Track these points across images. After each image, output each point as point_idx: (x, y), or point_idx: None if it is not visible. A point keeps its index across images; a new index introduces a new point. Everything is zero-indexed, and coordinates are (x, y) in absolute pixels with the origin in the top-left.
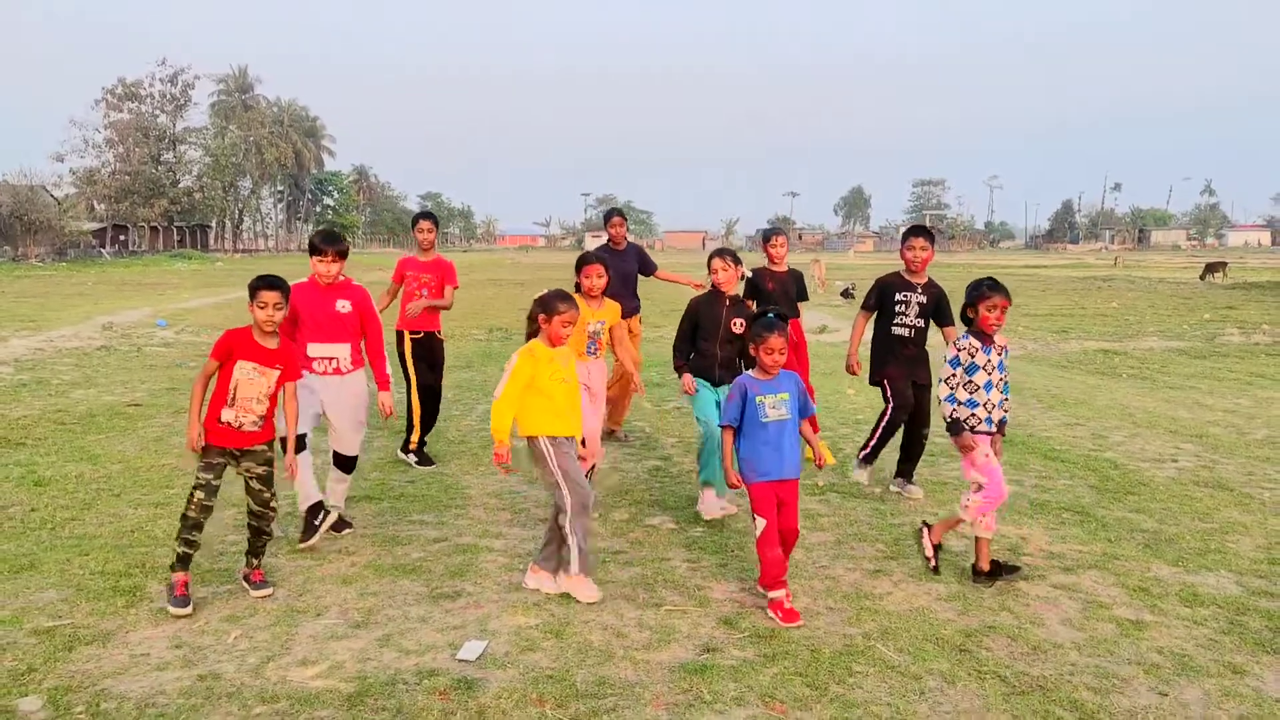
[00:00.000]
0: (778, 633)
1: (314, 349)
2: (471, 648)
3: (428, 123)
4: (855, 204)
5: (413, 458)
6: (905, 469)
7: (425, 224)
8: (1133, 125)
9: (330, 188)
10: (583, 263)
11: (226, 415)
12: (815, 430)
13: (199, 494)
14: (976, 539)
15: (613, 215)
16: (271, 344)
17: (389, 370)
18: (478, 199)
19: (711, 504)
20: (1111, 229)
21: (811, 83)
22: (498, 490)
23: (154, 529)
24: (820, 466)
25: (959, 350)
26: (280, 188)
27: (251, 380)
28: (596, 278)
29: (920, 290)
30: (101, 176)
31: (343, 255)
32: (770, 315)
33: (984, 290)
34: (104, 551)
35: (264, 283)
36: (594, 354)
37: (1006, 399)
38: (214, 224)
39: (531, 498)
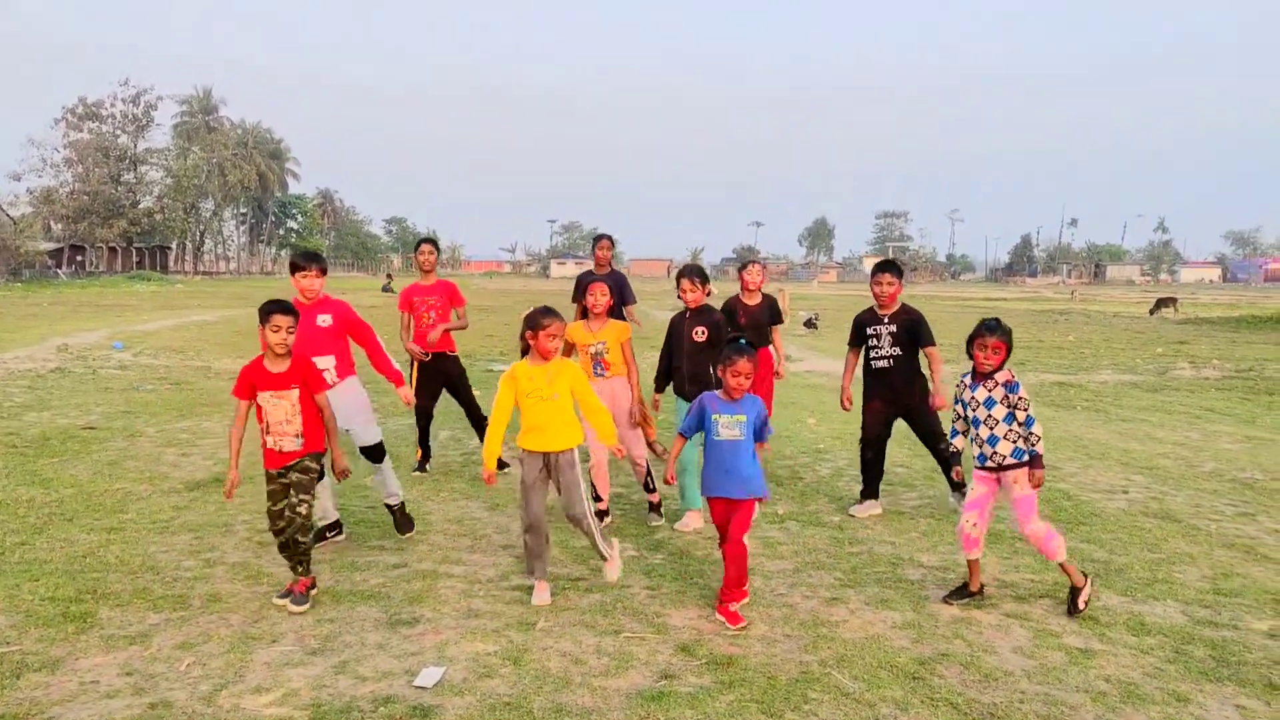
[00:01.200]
0: (735, 660)
1: None
2: (429, 674)
3: (394, 147)
4: (819, 235)
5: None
6: (954, 484)
7: (426, 247)
8: (1089, 163)
9: (294, 211)
10: (585, 281)
11: (270, 442)
12: (761, 456)
13: (268, 521)
14: (969, 562)
15: (601, 239)
16: (282, 366)
17: (400, 370)
18: (443, 224)
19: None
20: (1069, 263)
21: (777, 114)
22: (459, 516)
23: (106, 554)
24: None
25: (956, 386)
26: (243, 210)
27: (275, 405)
28: (600, 295)
29: (889, 321)
30: (59, 196)
31: (323, 271)
32: (742, 340)
33: (978, 330)
34: (54, 577)
35: (277, 306)
36: (601, 374)
37: (1011, 432)
38: (174, 245)
39: (492, 524)
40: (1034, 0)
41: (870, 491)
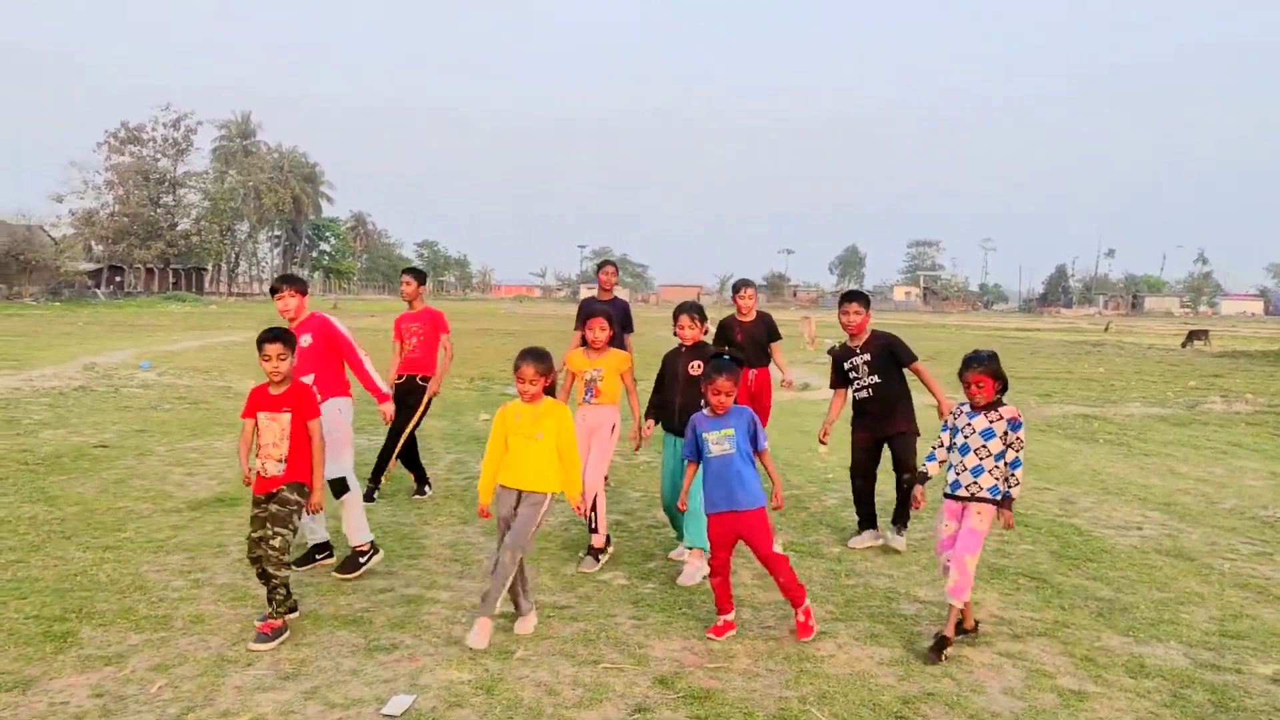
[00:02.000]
0: (713, 694)
1: None
2: (398, 702)
3: (428, 171)
4: (850, 263)
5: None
6: (897, 515)
7: (404, 277)
8: (1126, 192)
9: (327, 234)
10: (586, 314)
11: (254, 462)
12: (770, 469)
13: (247, 547)
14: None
15: (605, 264)
16: (279, 390)
17: (381, 385)
18: (474, 248)
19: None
20: (1105, 294)
21: (809, 140)
22: (453, 541)
23: (98, 573)
24: (776, 508)
25: (949, 414)
26: (277, 233)
27: (267, 426)
28: (599, 330)
29: (861, 350)
30: (100, 218)
31: (299, 290)
32: (723, 357)
33: (962, 365)
34: (43, 595)
35: (267, 335)
36: (590, 401)
37: (998, 469)
38: (210, 267)
39: (486, 550)
40: (1062, 13)
41: (868, 522)
